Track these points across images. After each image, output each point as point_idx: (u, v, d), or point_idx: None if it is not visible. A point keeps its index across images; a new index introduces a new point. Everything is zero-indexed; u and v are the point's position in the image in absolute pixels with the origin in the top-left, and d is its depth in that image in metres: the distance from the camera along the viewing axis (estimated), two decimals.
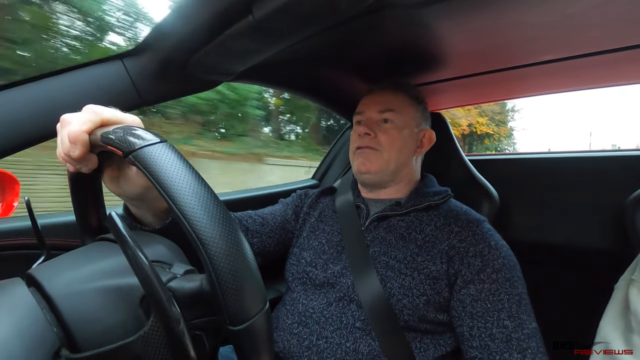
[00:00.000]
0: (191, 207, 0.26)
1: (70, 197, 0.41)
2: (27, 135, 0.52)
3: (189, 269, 0.32)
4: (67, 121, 0.35)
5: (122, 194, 0.43)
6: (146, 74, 0.61)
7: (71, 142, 0.33)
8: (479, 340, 0.54)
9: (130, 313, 0.28)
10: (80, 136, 0.33)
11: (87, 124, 0.33)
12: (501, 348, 0.53)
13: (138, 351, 0.27)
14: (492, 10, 0.55)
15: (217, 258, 0.25)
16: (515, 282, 0.58)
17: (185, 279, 0.30)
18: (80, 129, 0.33)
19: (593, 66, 0.74)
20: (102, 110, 0.35)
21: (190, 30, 0.54)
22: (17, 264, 0.35)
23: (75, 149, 0.33)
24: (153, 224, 0.47)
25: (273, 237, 0.75)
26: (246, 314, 0.26)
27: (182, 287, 0.29)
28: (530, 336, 0.53)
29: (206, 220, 0.26)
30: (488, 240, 0.62)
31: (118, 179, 0.42)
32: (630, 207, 0.76)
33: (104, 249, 0.33)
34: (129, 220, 0.48)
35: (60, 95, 0.54)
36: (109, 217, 0.25)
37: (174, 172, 0.27)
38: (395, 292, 0.59)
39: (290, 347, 0.62)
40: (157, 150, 0.28)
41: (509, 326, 0.54)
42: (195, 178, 0.27)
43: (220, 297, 0.26)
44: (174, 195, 0.26)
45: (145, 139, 0.30)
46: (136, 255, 0.24)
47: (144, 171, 0.27)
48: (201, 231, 0.25)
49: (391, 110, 0.72)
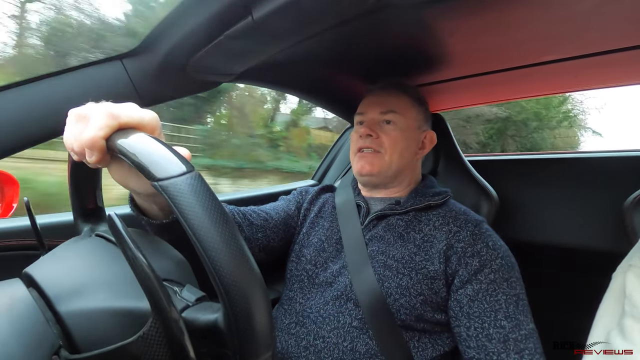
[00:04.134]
0: (217, 251, 0.25)
1: (68, 177, 0.40)
2: (27, 136, 0.52)
3: (200, 296, 0.32)
4: (82, 117, 0.33)
5: (129, 187, 0.41)
6: (146, 74, 0.61)
7: (87, 147, 0.32)
8: (476, 340, 0.54)
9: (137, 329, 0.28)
10: (97, 142, 0.31)
11: (104, 130, 0.31)
12: (498, 348, 0.53)
13: (137, 352, 0.27)
14: (493, 10, 0.55)
15: (239, 305, 0.26)
16: (513, 282, 0.58)
17: (199, 310, 0.30)
18: (98, 134, 0.31)
19: (595, 66, 0.74)
20: (119, 112, 0.32)
21: (189, 31, 0.54)
22: (17, 264, 0.35)
23: (92, 154, 0.32)
24: (159, 217, 0.46)
25: (277, 232, 0.74)
26: (257, 354, 0.27)
27: (196, 319, 0.29)
28: (527, 337, 0.53)
29: (231, 266, 0.25)
30: (486, 241, 0.62)
31: (126, 173, 0.40)
32: (630, 207, 0.76)
33: (106, 252, 0.33)
34: (135, 211, 0.47)
35: (60, 96, 0.54)
36: (109, 218, 0.25)
37: (202, 210, 0.26)
38: (393, 291, 0.60)
39: (288, 347, 0.62)
40: (186, 183, 0.27)
41: (506, 326, 0.54)
42: (222, 217, 0.27)
43: (235, 340, 0.26)
44: (201, 237, 0.25)
45: (173, 167, 0.28)
46: (136, 256, 0.24)
47: (169, 201, 0.26)
48: (226, 278, 0.25)
49: (394, 112, 0.72)
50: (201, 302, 0.31)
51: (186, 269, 0.37)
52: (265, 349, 0.27)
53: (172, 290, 0.32)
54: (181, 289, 0.32)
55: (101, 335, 0.27)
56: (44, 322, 0.26)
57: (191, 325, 0.28)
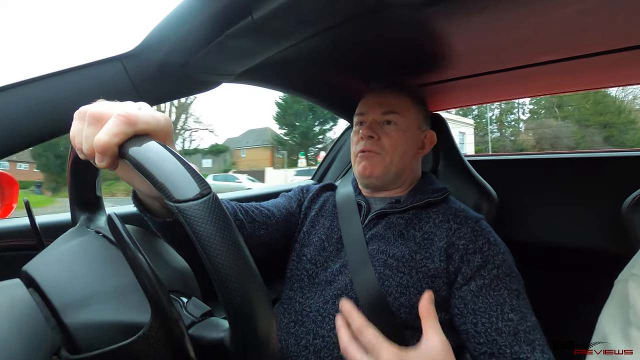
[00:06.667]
0: (231, 282, 0.26)
1: (68, 166, 0.39)
2: (27, 135, 0.52)
3: (206, 311, 0.32)
4: (96, 119, 0.31)
5: (133, 185, 0.41)
6: (145, 74, 0.61)
7: (99, 152, 0.30)
8: (486, 335, 0.54)
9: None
10: (110, 149, 0.30)
11: (119, 137, 0.30)
12: (510, 341, 0.52)
13: (137, 352, 0.27)
14: (493, 10, 0.55)
15: (249, 333, 0.26)
16: (514, 277, 0.59)
17: (206, 327, 0.30)
18: (112, 140, 0.29)
19: (594, 66, 0.74)
20: (136, 119, 0.30)
21: (189, 31, 0.54)
22: (17, 264, 0.35)
23: (103, 159, 0.30)
24: (162, 214, 0.46)
25: (279, 229, 0.73)
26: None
27: (202, 336, 0.29)
28: (534, 328, 0.54)
29: (245, 295, 0.26)
30: (487, 237, 0.62)
31: (132, 174, 0.39)
32: (630, 207, 0.76)
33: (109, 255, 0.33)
34: (138, 207, 0.46)
35: (60, 96, 0.54)
36: (109, 218, 0.25)
37: (217, 236, 0.26)
38: (393, 290, 0.59)
39: (287, 346, 0.62)
40: (203, 208, 0.26)
41: (514, 319, 0.54)
42: (236, 244, 0.27)
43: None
44: (217, 264, 0.26)
45: (191, 189, 0.27)
46: (136, 256, 0.24)
47: (185, 224, 0.26)
48: (238, 307, 0.26)
49: (394, 112, 0.72)
50: (207, 317, 0.32)
51: (190, 278, 0.37)
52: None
53: (178, 303, 0.32)
54: (187, 301, 0.32)
55: (105, 345, 0.27)
56: (44, 322, 0.26)
57: (197, 342, 0.28)
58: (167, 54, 0.58)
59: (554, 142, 20.24)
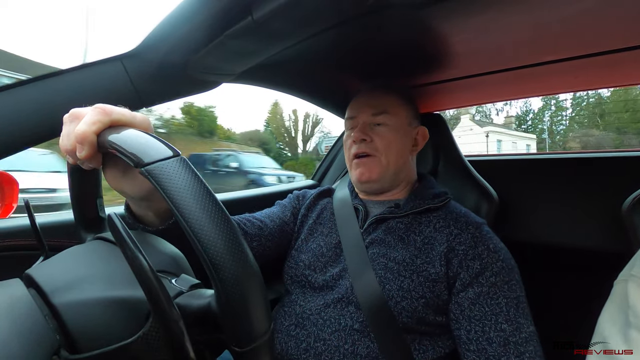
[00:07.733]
0: (205, 231, 0.25)
1: (68, 186, 0.40)
2: (27, 136, 0.52)
3: (194, 283, 0.32)
4: (76, 116, 0.34)
5: (124, 192, 0.42)
6: (145, 74, 0.60)
7: (78, 142, 0.32)
8: (477, 343, 0.54)
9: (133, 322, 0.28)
10: (88, 137, 0.32)
11: (97, 125, 0.32)
12: (499, 352, 0.52)
13: (137, 352, 0.27)
14: (493, 10, 0.55)
15: (229, 283, 0.25)
16: (513, 285, 0.58)
17: (192, 296, 0.30)
18: (89, 129, 0.32)
19: (595, 66, 0.74)
20: (112, 110, 0.34)
21: (189, 31, 0.54)
22: (16, 264, 0.35)
23: (82, 149, 0.32)
24: (155, 223, 0.47)
25: (272, 240, 0.73)
26: (253, 337, 0.26)
27: (189, 304, 0.29)
28: (528, 340, 0.53)
29: (220, 245, 0.25)
30: (487, 243, 0.61)
31: (121, 177, 0.41)
32: (630, 207, 0.76)
33: (105, 251, 0.33)
34: (130, 219, 0.47)
35: (60, 96, 0.54)
36: (109, 218, 0.25)
37: (188, 191, 0.26)
38: (394, 294, 0.59)
39: (288, 349, 0.61)
40: (171, 166, 0.27)
41: (506, 330, 0.54)
42: (209, 198, 0.27)
43: (229, 321, 0.26)
44: (188, 217, 0.25)
45: (159, 152, 0.28)
46: (136, 256, 0.24)
47: (156, 185, 0.27)
48: (215, 256, 0.25)
49: (385, 113, 0.72)
50: (195, 289, 0.31)
51: (182, 262, 0.36)
52: (260, 332, 0.27)
53: (167, 279, 0.32)
54: (176, 278, 0.32)
55: (98, 327, 0.27)
56: (44, 322, 0.26)
57: (184, 311, 0.28)
58: (167, 54, 0.58)
59: (597, 147, 22.89)
